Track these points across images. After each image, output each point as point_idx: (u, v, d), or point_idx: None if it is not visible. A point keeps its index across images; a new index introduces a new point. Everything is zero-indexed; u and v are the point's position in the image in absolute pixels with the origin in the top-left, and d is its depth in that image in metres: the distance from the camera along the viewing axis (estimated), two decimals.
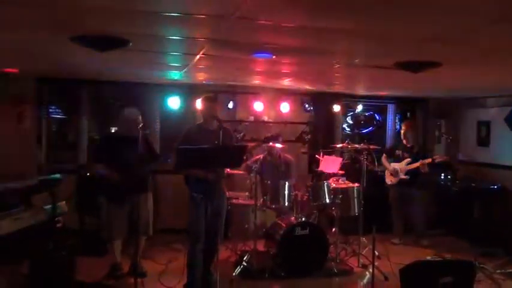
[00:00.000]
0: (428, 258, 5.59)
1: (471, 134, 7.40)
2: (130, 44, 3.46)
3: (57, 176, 4.33)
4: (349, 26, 2.86)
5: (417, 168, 5.99)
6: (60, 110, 6.77)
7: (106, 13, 2.71)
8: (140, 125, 4.64)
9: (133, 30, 3.16)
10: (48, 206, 4.42)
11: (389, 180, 6.33)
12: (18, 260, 4.44)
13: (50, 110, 6.54)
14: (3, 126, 5.95)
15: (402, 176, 6.13)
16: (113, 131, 6.09)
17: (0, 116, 5.92)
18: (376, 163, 5.90)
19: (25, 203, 5.03)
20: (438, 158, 6.00)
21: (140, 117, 4.71)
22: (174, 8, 2.62)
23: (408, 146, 6.30)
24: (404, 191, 6.23)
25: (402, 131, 6.42)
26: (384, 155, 6.48)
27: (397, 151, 6.38)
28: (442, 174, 7.19)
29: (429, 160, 5.94)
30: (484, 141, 7.20)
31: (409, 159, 6.14)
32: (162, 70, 5.29)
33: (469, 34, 2.92)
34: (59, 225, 5.12)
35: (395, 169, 6.19)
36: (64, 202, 4.45)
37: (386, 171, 6.40)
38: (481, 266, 5.05)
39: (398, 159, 6.26)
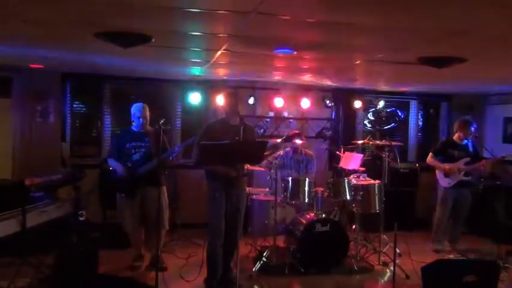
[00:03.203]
0: (451, 256, 5.50)
1: (496, 131, 7.24)
2: (153, 40, 3.49)
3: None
4: (373, 21, 2.82)
5: (473, 169, 5.65)
6: (83, 106, 6.88)
7: (129, 9, 2.74)
8: (146, 120, 4.70)
9: (156, 26, 3.19)
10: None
11: (446, 182, 5.70)
12: (44, 251, 4.56)
13: (74, 106, 6.65)
14: (29, 121, 6.09)
15: (463, 178, 5.64)
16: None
17: (26, 111, 6.07)
18: (398, 160, 5.75)
19: (50, 197, 5.17)
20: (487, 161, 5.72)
21: (147, 113, 4.75)
22: (196, 3, 2.63)
23: (461, 144, 5.75)
24: (460, 192, 5.75)
25: (460, 129, 5.76)
26: (431, 154, 5.86)
27: (449, 150, 5.76)
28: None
29: (498, 158, 5.60)
30: (510, 138, 7.04)
31: (467, 159, 5.64)
32: (183, 66, 5.32)
33: (499, 27, 2.85)
34: (82, 218, 5.24)
35: (453, 169, 5.63)
36: None
37: (438, 172, 5.79)
38: (505, 265, 4.94)
39: (453, 159, 5.68)
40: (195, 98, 6.43)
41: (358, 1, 2.42)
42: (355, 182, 5.37)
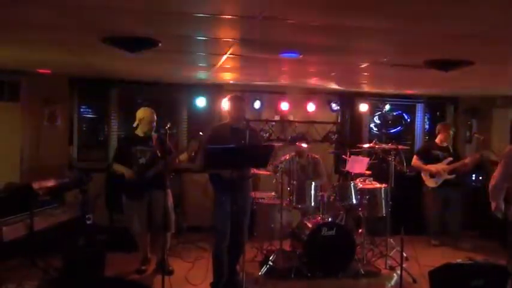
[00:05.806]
0: (459, 260, 5.46)
1: (504, 134, 7.18)
2: (160, 44, 3.52)
3: None
4: (379, 24, 2.82)
5: (457, 167, 5.97)
6: (90, 110, 6.92)
7: (136, 14, 2.76)
8: (153, 124, 4.72)
9: (163, 31, 3.21)
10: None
11: (432, 183, 6.07)
12: (51, 254, 4.59)
13: (81, 110, 6.70)
14: (36, 125, 6.14)
15: (448, 176, 5.99)
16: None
17: (34, 116, 6.11)
18: (404, 164, 5.73)
19: (58, 200, 5.20)
20: (471, 156, 6.00)
21: (154, 117, 4.76)
22: (203, 8, 2.65)
23: (443, 145, 6.17)
24: (446, 192, 6.06)
25: (442, 131, 6.21)
26: (416, 156, 6.27)
27: (433, 151, 6.16)
28: (474, 175, 7.01)
29: (478, 155, 5.93)
30: None
31: (450, 158, 6.02)
32: (190, 70, 5.34)
33: (506, 30, 2.84)
34: (89, 221, 5.26)
35: (438, 170, 6.00)
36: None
37: (423, 174, 6.18)
38: None
39: (437, 160, 6.09)
40: (201, 102, 6.45)
41: (365, 5, 2.43)
42: (361, 185, 5.36)
